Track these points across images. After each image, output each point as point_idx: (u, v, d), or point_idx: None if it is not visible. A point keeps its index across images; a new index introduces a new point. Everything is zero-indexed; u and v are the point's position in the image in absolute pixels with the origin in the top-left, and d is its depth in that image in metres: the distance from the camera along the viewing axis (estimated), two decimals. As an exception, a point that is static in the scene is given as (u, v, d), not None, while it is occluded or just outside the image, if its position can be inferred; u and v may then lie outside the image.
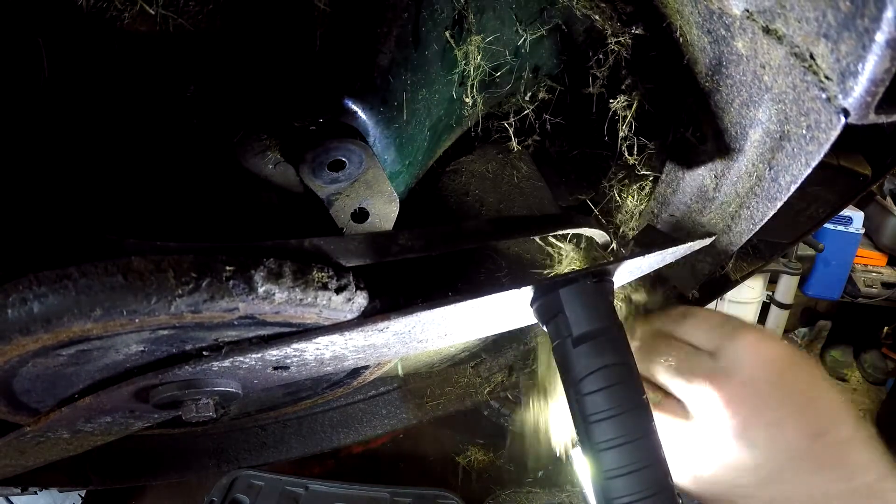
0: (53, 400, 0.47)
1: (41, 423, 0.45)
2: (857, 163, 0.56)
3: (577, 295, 0.39)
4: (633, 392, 0.38)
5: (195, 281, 0.37)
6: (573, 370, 0.39)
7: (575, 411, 0.39)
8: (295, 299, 0.40)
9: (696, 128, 0.46)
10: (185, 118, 0.54)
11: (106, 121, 0.52)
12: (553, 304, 0.39)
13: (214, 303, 0.37)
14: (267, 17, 0.53)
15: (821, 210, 0.59)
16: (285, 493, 1.26)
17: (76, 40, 0.47)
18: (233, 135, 0.55)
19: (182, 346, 0.44)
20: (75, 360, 0.42)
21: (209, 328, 0.42)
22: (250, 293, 0.38)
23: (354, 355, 0.47)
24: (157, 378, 0.43)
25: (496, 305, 0.41)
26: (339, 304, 0.43)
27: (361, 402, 1.08)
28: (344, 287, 0.43)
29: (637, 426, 0.38)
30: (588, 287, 0.39)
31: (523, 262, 0.68)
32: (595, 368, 0.38)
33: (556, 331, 0.40)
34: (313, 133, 0.52)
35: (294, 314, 0.41)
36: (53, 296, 0.35)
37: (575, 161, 0.82)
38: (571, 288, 0.39)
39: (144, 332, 0.40)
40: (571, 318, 0.39)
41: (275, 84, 0.56)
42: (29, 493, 0.90)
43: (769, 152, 0.39)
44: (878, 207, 2.49)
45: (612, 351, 0.39)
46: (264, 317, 0.41)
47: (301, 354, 0.43)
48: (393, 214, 0.56)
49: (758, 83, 0.36)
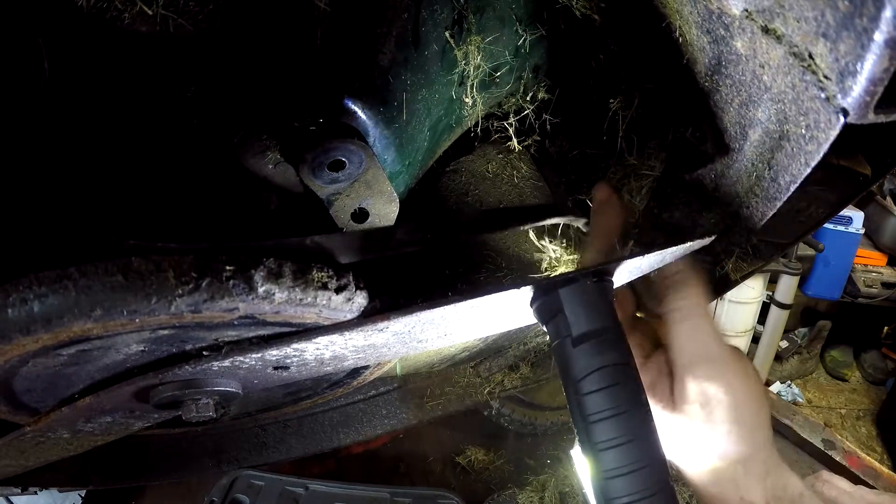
0: (53, 400, 0.47)
1: (41, 423, 0.45)
2: (857, 163, 0.56)
3: (576, 295, 0.39)
4: (633, 392, 0.38)
5: (195, 281, 0.37)
6: (573, 370, 0.39)
7: (575, 411, 0.39)
8: (295, 299, 0.40)
9: (695, 127, 0.46)
10: (186, 119, 0.54)
11: (106, 121, 0.52)
12: (553, 304, 0.39)
13: (214, 303, 0.37)
14: (267, 18, 0.53)
15: (821, 210, 0.58)
16: (285, 493, 1.26)
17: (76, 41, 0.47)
18: (233, 135, 0.55)
19: (182, 345, 0.44)
20: (75, 360, 0.42)
21: (209, 328, 0.42)
22: (250, 293, 0.38)
23: (354, 355, 0.47)
24: (157, 378, 0.43)
25: (496, 305, 0.41)
26: (339, 303, 0.43)
27: (361, 402, 1.09)
28: (344, 287, 0.43)
29: (637, 426, 0.38)
30: (588, 287, 0.39)
31: (523, 262, 0.68)
32: (595, 368, 0.38)
33: (556, 330, 0.40)
34: (313, 133, 0.52)
35: (294, 314, 0.41)
36: (54, 296, 0.36)
37: (575, 161, 0.82)
38: (571, 288, 0.39)
39: (145, 332, 0.40)
40: (571, 318, 0.39)
41: (275, 84, 0.56)
42: (29, 493, 0.90)
43: (768, 152, 0.39)
44: (878, 207, 2.49)
45: (612, 351, 0.39)
46: (264, 317, 0.41)
47: (301, 354, 0.43)
48: (393, 214, 0.56)
49: (757, 83, 0.37)
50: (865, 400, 2.82)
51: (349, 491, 1.28)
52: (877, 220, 2.50)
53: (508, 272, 0.66)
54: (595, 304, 0.39)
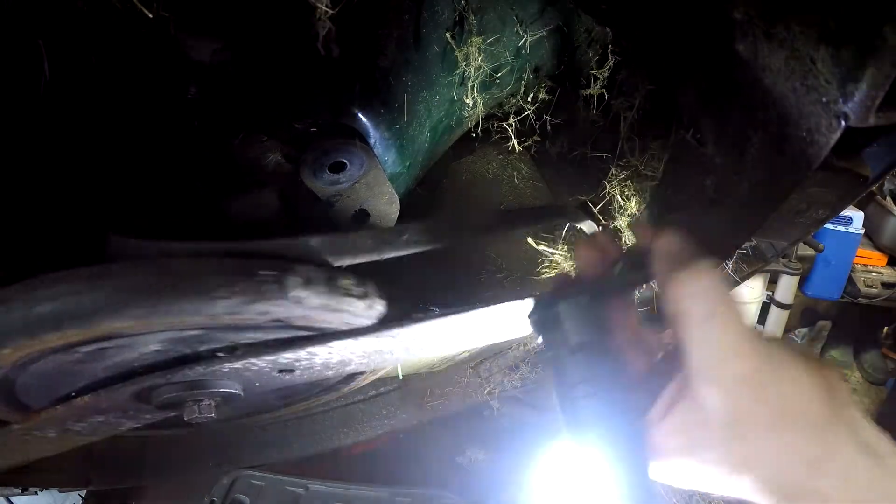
0: (48, 398, 0.47)
1: (32, 421, 0.45)
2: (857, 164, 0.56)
3: (573, 309, 0.40)
4: (620, 399, 0.39)
5: (236, 285, 0.38)
6: (566, 378, 0.40)
7: (569, 416, 0.40)
8: (324, 305, 0.41)
9: (696, 129, 0.46)
10: (186, 119, 0.54)
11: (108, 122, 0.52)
12: (551, 318, 0.41)
13: (252, 306, 0.38)
14: (268, 18, 0.53)
15: (821, 211, 0.59)
16: (285, 493, 1.26)
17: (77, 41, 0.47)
18: (234, 136, 0.55)
19: (197, 346, 0.44)
20: (90, 358, 0.42)
21: (236, 330, 0.42)
22: (285, 298, 0.39)
23: (359, 360, 0.47)
24: (165, 378, 0.43)
25: (497, 317, 0.42)
26: (361, 310, 0.44)
27: (361, 402, 1.09)
28: (366, 294, 0.44)
29: (624, 431, 0.39)
30: (583, 302, 0.40)
31: (523, 264, 0.68)
32: (586, 378, 0.39)
33: (552, 342, 0.41)
34: (314, 135, 0.52)
35: (319, 318, 0.42)
36: (91, 293, 0.36)
37: (575, 162, 0.82)
38: (569, 302, 0.40)
39: (171, 332, 0.41)
40: (569, 329, 0.40)
41: (276, 85, 0.56)
42: (29, 493, 0.90)
43: (769, 155, 0.39)
44: (878, 207, 2.49)
45: (602, 362, 0.40)
46: (292, 320, 0.42)
47: (311, 358, 0.44)
48: (394, 216, 0.56)
49: (758, 86, 0.37)
50: (865, 400, 2.83)
51: (349, 491, 1.28)
52: (877, 220, 2.50)
53: (508, 274, 0.67)
54: (590, 319, 0.40)
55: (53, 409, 0.45)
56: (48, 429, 0.48)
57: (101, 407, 0.46)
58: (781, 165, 0.38)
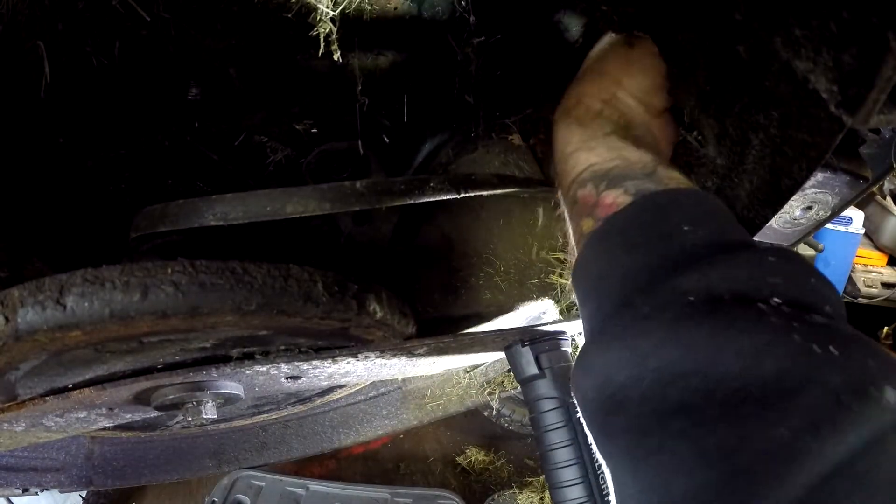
0: (43, 388, 0.45)
1: (13, 410, 0.44)
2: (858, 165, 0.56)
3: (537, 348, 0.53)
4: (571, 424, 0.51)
5: (334, 294, 0.41)
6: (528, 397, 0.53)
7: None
8: (383, 319, 0.45)
9: (697, 131, 0.46)
10: (187, 120, 0.54)
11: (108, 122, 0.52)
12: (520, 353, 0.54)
13: (338, 313, 0.41)
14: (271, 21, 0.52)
15: (821, 212, 0.59)
16: (286, 494, 1.26)
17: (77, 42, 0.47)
18: (235, 137, 0.55)
19: (240, 348, 0.45)
20: (131, 349, 0.42)
21: (305, 334, 0.44)
22: (363, 311, 0.43)
23: (363, 372, 0.49)
24: (182, 377, 0.43)
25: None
26: (403, 327, 0.48)
27: (362, 402, 1.09)
28: (408, 314, 0.48)
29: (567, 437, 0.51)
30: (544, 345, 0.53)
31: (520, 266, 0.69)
32: (544, 397, 0.52)
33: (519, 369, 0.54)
34: (315, 135, 0.52)
35: (369, 331, 0.46)
36: (214, 286, 0.37)
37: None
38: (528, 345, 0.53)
39: (244, 331, 0.42)
40: None
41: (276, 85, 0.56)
42: (30, 493, 0.90)
43: (770, 156, 0.39)
44: (878, 207, 2.49)
45: (554, 388, 0.53)
46: (354, 330, 0.45)
47: (325, 369, 0.46)
48: (394, 216, 0.56)
49: (759, 87, 0.37)
50: (865, 400, 2.82)
51: (349, 491, 1.28)
52: (877, 220, 2.50)
53: (505, 276, 0.67)
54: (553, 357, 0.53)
55: (41, 399, 0.44)
56: (19, 422, 0.47)
57: (95, 402, 0.46)
58: (782, 167, 0.38)
